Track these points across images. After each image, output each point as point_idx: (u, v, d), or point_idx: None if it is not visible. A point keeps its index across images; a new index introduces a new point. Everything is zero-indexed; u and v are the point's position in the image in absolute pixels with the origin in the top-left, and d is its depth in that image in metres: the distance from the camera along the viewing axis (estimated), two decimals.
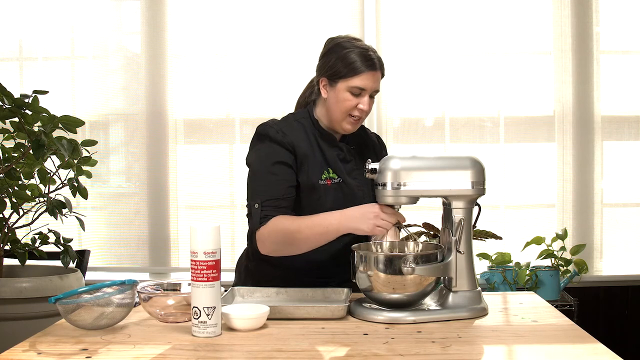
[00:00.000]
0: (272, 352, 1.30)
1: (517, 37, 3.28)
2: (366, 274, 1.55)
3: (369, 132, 2.01)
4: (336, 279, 1.83)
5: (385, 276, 1.53)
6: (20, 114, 2.25)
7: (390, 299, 1.56)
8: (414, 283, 1.52)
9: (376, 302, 1.59)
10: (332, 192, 1.80)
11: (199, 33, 3.32)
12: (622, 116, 3.30)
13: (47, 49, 3.35)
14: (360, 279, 1.58)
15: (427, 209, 3.09)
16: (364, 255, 1.57)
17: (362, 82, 1.71)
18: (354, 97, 1.72)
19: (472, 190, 1.59)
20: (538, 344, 1.36)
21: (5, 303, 2.30)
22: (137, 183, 3.35)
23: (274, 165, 1.74)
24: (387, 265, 1.53)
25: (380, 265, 1.53)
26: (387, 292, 1.54)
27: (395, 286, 1.53)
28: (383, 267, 1.53)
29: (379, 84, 1.76)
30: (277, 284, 1.75)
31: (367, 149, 1.93)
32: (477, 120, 3.29)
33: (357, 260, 1.58)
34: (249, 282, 1.88)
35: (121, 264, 3.34)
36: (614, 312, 3.28)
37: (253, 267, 1.90)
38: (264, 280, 1.82)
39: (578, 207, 3.27)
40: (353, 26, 3.27)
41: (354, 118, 1.75)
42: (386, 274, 1.53)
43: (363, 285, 1.58)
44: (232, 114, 3.29)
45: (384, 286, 1.54)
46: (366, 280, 1.56)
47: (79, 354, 1.29)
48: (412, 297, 1.55)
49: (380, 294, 1.56)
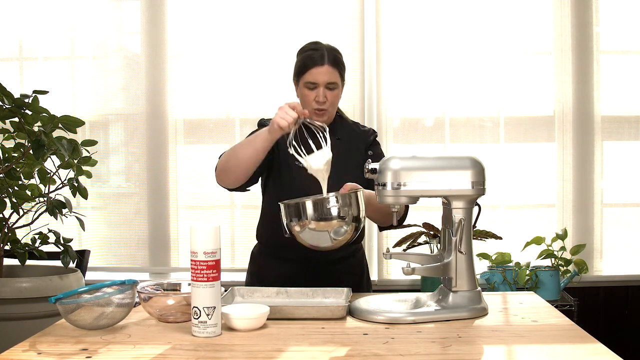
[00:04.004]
0: (272, 352, 1.30)
1: (517, 37, 3.28)
2: (293, 222, 1.62)
3: (362, 127, 2.11)
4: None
5: (314, 223, 1.59)
6: (20, 114, 2.25)
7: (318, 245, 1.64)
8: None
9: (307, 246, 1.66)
10: (308, 175, 1.92)
11: (199, 33, 3.32)
12: (622, 116, 3.30)
13: (47, 49, 3.35)
14: (289, 228, 1.64)
15: (427, 209, 3.09)
16: (289, 204, 1.63)
17: (312, 77, 1.89)
18: (311, 91, 1.90)
19: (472, 190, 1.59)
20: (538, 344, 1.36)
21: (5, 303, 2.30)
22: (137, 183, 3.35)
23: (251, 133, 1.92)
24: (314, 209, 1.59)
25: (309, 211, 1.59)
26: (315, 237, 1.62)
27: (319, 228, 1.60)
28: (312, 212, 1.59)
29: (333, 77, 1.90)
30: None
31: (355, 141, 2.03)
32: (477, 120, 3.29)
33: (283, 213, 1.64)
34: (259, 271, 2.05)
35: (121, 264, 3.34)
36: (614, 312, 3.28)
37: (262, 261, 2.05)
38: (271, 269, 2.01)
39: (578, 207, 3.27)
40: (353, 26, 3.27)
41: (317, 110, 1.90)
42: (315, 220, 1.59)
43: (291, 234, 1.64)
44: (232, 114, 3.29)
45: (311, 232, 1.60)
46: (295, 228, 1.62)
47: (79, 354, 1.29)
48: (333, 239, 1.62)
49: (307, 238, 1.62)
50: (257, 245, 2.11)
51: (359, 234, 1.69)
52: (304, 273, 1.94)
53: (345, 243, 1.66)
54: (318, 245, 1.65)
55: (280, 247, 1.93)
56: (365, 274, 2.10)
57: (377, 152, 2.04)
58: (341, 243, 1.65)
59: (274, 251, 2.01)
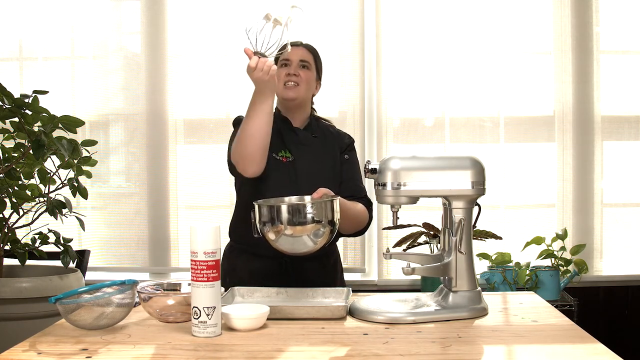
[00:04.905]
0: (272, 352, 1.30)
1: (517, 37, 3.28)
2: (266, 224, 1.62)
3: (339, 131, 2.19)
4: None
5: (289, 227, 1.59)
6: (20, 114, 2.25)
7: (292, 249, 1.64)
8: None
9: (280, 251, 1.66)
10: (284, 168, 2.00)
11: (199, 33, 3.32)
12: (622, 116, 3.30)
13: (47, 49, 3.35)
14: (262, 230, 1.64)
15: (427, 209, 3.09)
16: (262, 205, 1.63)
17: (286, 55, 2.02)
18: (284, 68, 2.04)
19: (472, 190, 1.59)
20: (538, 344, 1.36)
21: (5, 303, 2.30)
22: (137, 183, 3.35)
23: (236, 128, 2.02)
24: (291, 214, 1.59)
25: (283, 214, 1.59)
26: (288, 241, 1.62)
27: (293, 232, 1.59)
28: (286, 216, 1.59)
29: (306, 56, 2.05)
30: None
31: (330, 141, 2.11)
32: (477, 120, 3.29)
33: (257, 213, 1.64)
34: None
35: (121, 264, 3.34)
36: (614, 312, 3.28)
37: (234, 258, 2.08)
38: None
39: (578, 207, 3.27)
40: (353, 26, 3.27)
41: (289, 84, 2.01)
42: (290, 224, 1.59)
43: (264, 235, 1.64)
44: (232, 114, 3.29)
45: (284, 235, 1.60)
46: (267, 230, 1.62)
47: (79, 354, 1.29)
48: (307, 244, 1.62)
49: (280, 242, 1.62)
50: (229, 243, 2.12)
51: (333, 237, 1.70)
52: (277, 269, 1.95)
53: (321, 248, 1.67)
54: (293, 250, 1.65)
55: (254, 244, 1.88)
56: (339, 274, 2.11)
57: (352, 159, 2.12)
58: (316, 248, 1.65)
59: (246, 248, 2.02)
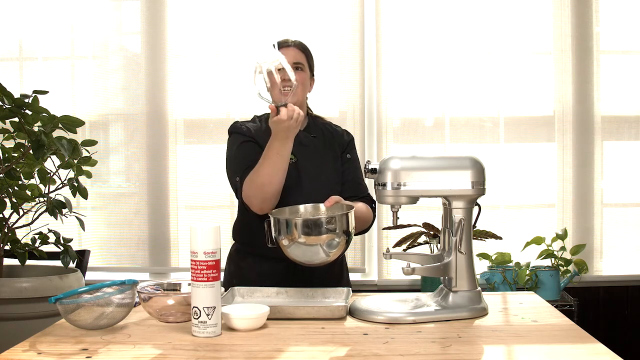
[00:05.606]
0: (272, 352, 1.30)
1: (517, 37, 3.28)
2: (282, 236, 1.63)
3: (337, 127, 2.18)
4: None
5: (304, 237, 1.60)
6: (20, 114, 2.25)
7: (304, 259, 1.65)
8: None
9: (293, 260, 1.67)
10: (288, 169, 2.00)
11: (199, 33, 3.32)
12: (622, 116, 3.30)
13: (47, 49, 3.35)
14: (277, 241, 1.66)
15: (427, 209, 3.10)
16: (279, 219, 1.64)
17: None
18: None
19: (472, 190, 1.59)
20: (538, 344, 1.36)
21: (5, 303, 2.30)
22: (137, 183, 3.35)
23: (240, 145, 2.04)
24: (306, 227, 1.60)
25: (299, 228, 1.60)
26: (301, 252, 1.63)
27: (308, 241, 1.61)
28: (301, 229, 1.60)
29: (299, 58, 2.05)
30: None
31: (330, 140, 2.10)
32: (477, 120, 3.29)
33: (273, 226, 1.66)
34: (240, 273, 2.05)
35: (121, 264, 3.34)
36: (614, 312, 3.28)
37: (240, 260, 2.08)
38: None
39: (578, 207, 3.27)
40: (353, 26, 3.27)
41: (285, 89, 2.00)
42: (306, 235, 1.60)
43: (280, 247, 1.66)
44: (232, 114, 3.29)
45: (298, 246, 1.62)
46: (283, 241, 1.63)
47: (79, 354, 1.29)
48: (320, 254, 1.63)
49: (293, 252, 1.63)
50: (235, 245, 2.12)
51: (348, 247, 1.72)
52: (285, 271, 1.94)
53: (336, 258, 1.68)
54: (308, 260, 1.66)
55: (260, 246, 1.89)
56: (345, 275, 2.12)
57: (354, 157, 2.12)
58: (331, 259, 1.66)
59: (253, 250, 2.02)
